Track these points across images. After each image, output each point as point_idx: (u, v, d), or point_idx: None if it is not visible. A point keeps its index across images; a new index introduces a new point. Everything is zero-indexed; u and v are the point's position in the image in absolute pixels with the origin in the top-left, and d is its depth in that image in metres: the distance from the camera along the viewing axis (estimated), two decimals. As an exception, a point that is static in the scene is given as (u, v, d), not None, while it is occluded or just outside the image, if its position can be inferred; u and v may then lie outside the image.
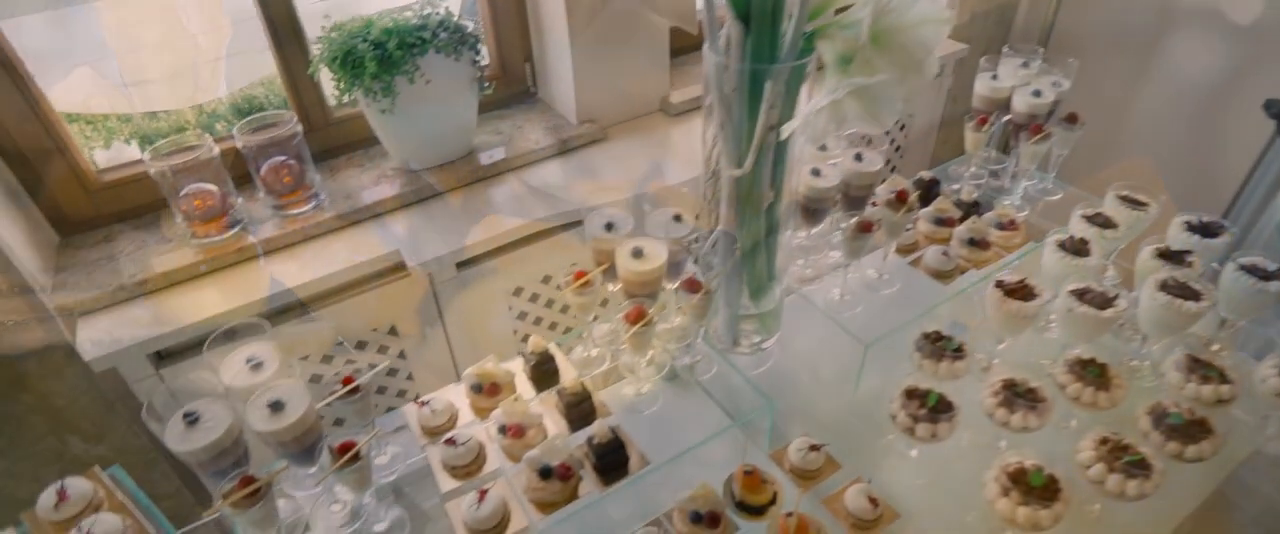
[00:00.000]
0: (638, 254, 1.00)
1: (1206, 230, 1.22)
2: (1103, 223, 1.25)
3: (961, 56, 2.43)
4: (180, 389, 0.86)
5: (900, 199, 1.16)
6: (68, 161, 1.56)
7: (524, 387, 1.07)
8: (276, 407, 0.80)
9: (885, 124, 0.94)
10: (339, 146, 1.86)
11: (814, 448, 1.06)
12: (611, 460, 0.95)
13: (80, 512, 0.85)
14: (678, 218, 1.07)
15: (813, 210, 1.20)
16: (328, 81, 1.69)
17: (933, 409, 1.01)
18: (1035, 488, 0.91)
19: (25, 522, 0.85)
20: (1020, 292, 1.12)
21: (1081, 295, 1.11)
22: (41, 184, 1.55)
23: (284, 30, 1.64)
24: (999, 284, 1.13)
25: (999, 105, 1.39)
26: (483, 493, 0.89)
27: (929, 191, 1.38)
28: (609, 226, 1.04)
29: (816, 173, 1.15)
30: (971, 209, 1.37)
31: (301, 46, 1.67)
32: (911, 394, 1.04)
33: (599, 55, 1.86)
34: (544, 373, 1.06)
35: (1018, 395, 1.03)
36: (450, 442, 0.94)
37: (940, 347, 1.10)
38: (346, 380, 0.89)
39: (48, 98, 1.50)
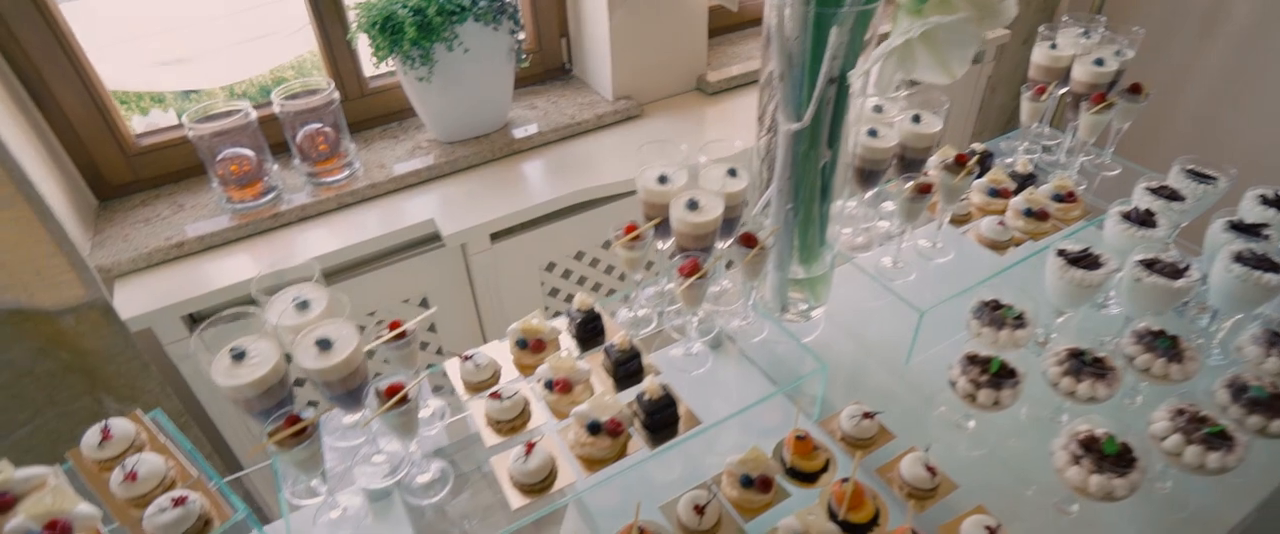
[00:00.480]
0: (693, 206, 0.97)
1: (1282, 203, 1.16)
2: (1169, 195, 1.20)
3: (1002, 43, 2.38)
4: (216, 338, 0.84)
5: (959, 162, 1.12)
6: (109, 127, 1.56)
7: (568, 346, 1.04)
8: (324, 345, 0.78)
9: (954, 73, 0.90)
10: (373, 118, 1.86)
11: (867, 415, 1.02)
12: (661, 418, 0.91)
13: (123, 451, 0.83)
14: (733, 173, 1.03)
15: (867, 173, 1.16)
16: (365, 51, 1.69)
17: (995, 375, 0.97)
18: (1108, 456, 0.87)
19: (70, 459, 0.84)
20: (1084, 260, 1.07)
21: (1150, 265, 1.06)
22: (83, 148, 1.56)
23: (324, -3, 1.64)
24: (1061, 252, 1.09)
25: (1057, 75, 1.34)
26: (530, 446, 0.86)
27: (982, 164, 1.33)
28: (662, 180, 1.01)
29: (873, 133, 1.11)
30: (1027, 181, 1.32)
31: (340, 14, 1.66)
32: (973, 360, 0.99)
33: (636, 32, 1.84)
34: (589, 332, 1.03)
35: (1085, 364, 0.98)
36: (495, 395, 0.92)
37: (1000, 315, 1.06)
38: (393, 325, 0.86)
39: (92, 64, 1.50)
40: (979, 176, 1.30)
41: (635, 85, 1.94)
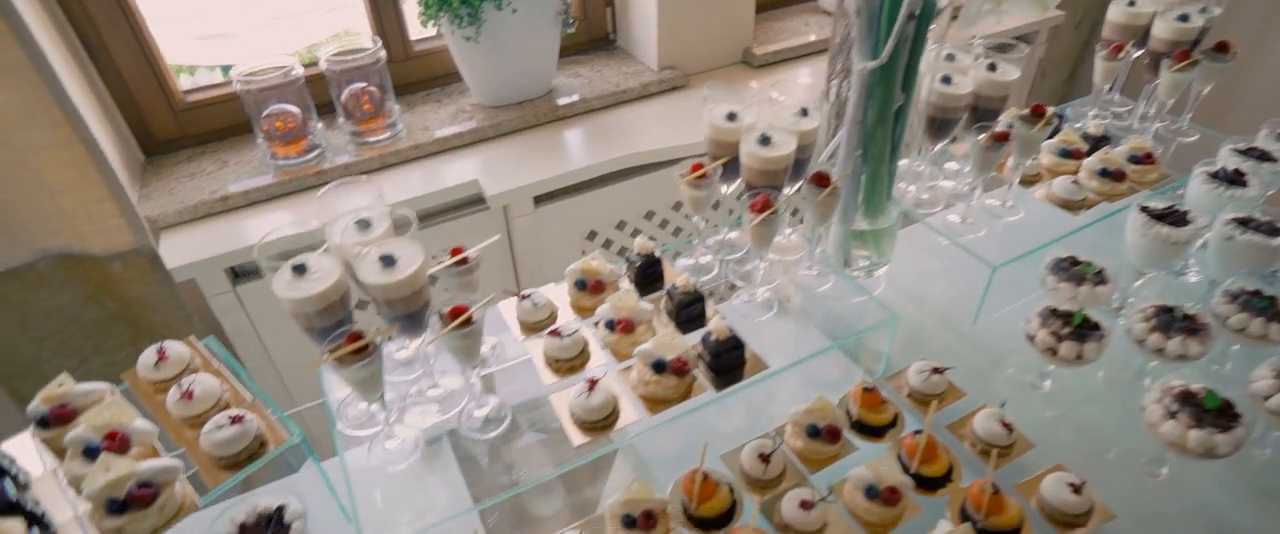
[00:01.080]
0: (765, 141, 0.93)
1: (1382, 165, 1.09)
2: (1259, 157, 1.13)
3: (1056, 24, 2.31)
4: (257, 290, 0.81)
5: (1036, 113, 1.07)
6: (159, 83, 1.56)
7: (627, 290, 1.01)
8: (388, 261, 0.76)
9: (1048, 5, 0.86)
10: (417, 82, 1.85)
11: (937, 370, 0.97)
12: (728, 360, 0.87)
13: (179, 373, 0.82)
14: (804, 112, 0.99)
15: (940, 122, 1.11)
16: (410, 14, 1.67)
17: (1078, 327, 0.91)
18: (1209, 410, 0.81)
19: (125, 380, 0.82)
20: (1170, 216, 1.02)
21: (1244, 223, 1.00)
22: (132, 103, 1.56)
23: (373, -45, 1.63)
24: (1144, 209, 1.03)
25: (1134, 34, 1.28)
26: (592, 382, 0.83)
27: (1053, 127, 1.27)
28: (731, 117, 0.98)
29: (947, 81, 1.06)
30: (1099, 143, 1.26)
31: (388, -27, 1.65)
32: (1054, 313, 0.94)
33: (683, 2, 1.81)
34: (649, 277, 1.00)
35: (1175, 320, 0.92)
36: (555, 333, 0.88)
37: (1079, 271, 1.00)
38: (455, 251, 0.83)
39: (144, 19, 1.50)
40: (1049, 137, 1.24)
41: (680, 56, 1.91)
